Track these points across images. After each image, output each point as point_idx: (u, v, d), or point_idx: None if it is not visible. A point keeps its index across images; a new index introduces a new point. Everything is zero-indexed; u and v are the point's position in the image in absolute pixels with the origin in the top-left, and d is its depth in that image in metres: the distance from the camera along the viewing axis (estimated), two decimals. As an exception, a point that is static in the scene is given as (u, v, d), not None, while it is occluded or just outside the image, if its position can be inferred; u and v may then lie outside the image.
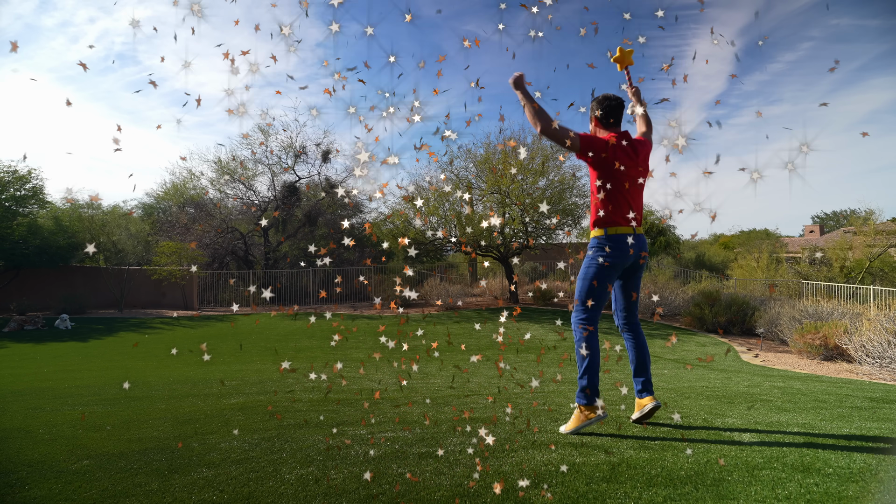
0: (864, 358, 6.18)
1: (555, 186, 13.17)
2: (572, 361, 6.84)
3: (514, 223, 13.25)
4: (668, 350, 8.42)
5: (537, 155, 13.27)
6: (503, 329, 3.48)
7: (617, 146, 2.58)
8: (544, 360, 7.10)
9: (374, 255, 17.89)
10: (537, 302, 14.47)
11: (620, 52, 2.72)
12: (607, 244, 2.57)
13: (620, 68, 2.75)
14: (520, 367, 6.38)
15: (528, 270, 19.60)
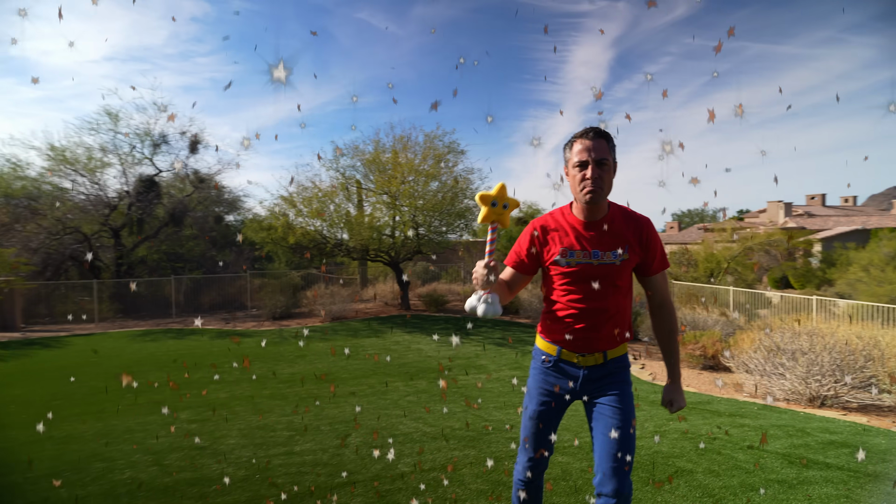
0: (745, 374, 6.30)
1: (447, 189, 12.60)
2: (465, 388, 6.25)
3: (404, 227, 12.48)
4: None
5: (429, 156, 12.62)
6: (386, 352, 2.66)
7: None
8: (439, 388, 6.43)
9: (253, 259, 16.17)
10: (429, 307, 13.90)
11: (482, 199, 1.78)
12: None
13: (485, 219, 1.78)
14: (408, 406, 5.64)
15: (419, 272, 19.04)
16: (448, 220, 13.15)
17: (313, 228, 12.86)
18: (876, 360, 5.43)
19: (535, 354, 2.02)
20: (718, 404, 5.61)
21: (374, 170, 12.99)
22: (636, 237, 1.89)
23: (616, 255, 1.85)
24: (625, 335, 1.93)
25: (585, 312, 1.86)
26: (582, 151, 1.81)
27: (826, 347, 5.66)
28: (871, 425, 4.75)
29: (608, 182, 1.83)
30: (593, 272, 1.85)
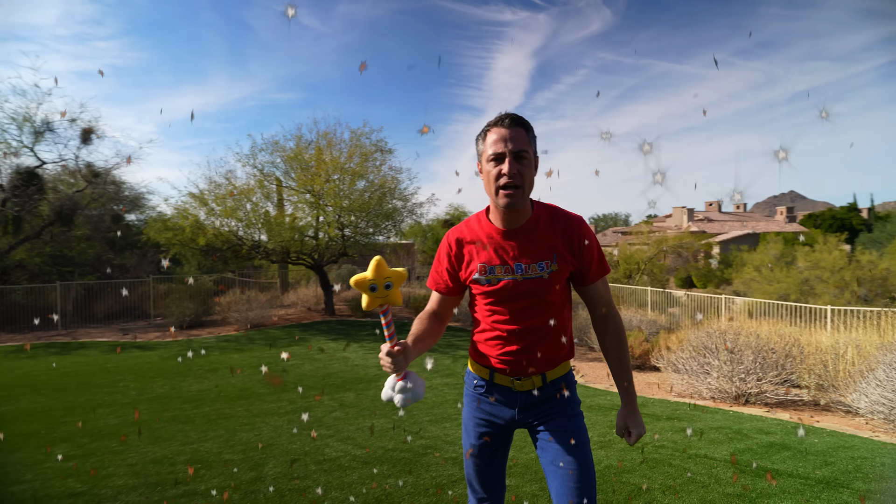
0: (674, 374, 6.36)
1: (375, 189, 12.07)
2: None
3: (329, 228, 11.80)
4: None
5: (356, 154, 12.03)
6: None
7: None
8: (366, 400, 5.92)
9: (158, 263, 14.67)
10: (355, 312, 13.29)
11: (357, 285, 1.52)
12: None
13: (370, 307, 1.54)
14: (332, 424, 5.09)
15: (345, 275, 18.27)
16: (375, 221, 12.64)
17: (227, 229, 11.84)
18: (796, 358, 5.64)
19: (467, 380, 1.77)
20: (653, 406, 5.57)
21: (295, 167, 12.20)
22: (566, 243, 1.61)
23: (543, 268, 1.58)
24: (565, 353, 1.67)
25: (515, 334, 1.62)
26: (497, 142, 1.53)
27: (748, 346, 5.80)
28: (797, 422, 4.86)
29: (529, 179, 1.54)
30: (518, 289, 1.59)
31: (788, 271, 20.84)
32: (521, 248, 1.60)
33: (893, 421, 4.46)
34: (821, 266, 19.84)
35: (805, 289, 19.45)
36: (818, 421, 4.99)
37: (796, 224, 41.41)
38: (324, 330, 11.38)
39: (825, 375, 5.35)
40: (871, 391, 4.52)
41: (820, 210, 43.16)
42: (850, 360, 5.04)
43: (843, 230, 34.39)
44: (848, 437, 4.27)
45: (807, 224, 39.24)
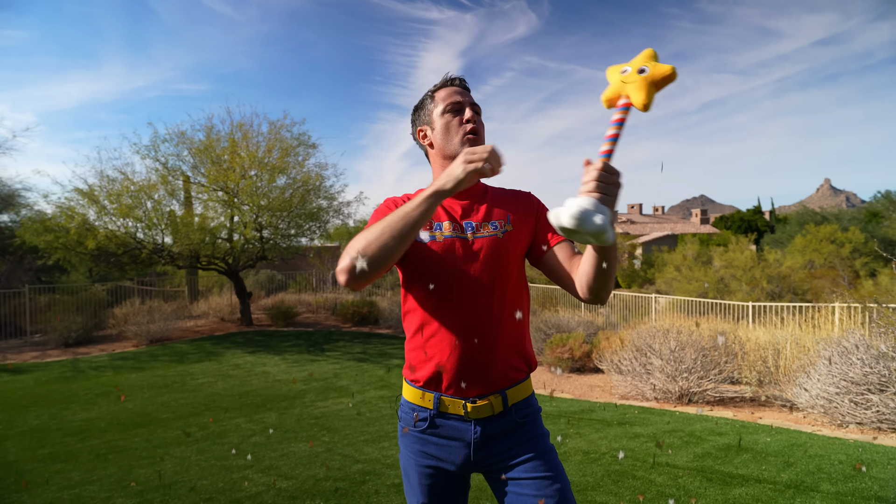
0: (617, 375, 6.35)
1: (297, 186, 11.42)
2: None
3: (245, 230, 10.99)
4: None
5: (275, 147, 11.31)
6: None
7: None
8: (287, 417, 5.38)
9: (36, 269, 13.00)
10: (276, 322, 12.53)
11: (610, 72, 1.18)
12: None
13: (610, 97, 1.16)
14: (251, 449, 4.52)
15: (263, 281, 17.34)
16: (297, 222, 11.99)
17: (124, 231, 10.68)
18: (738, 356, 5.79)
19: (403, 413, 1.46)
20: (601, 412, 5.49)
21: (206, 161, 11.26)
22: (523, 208, 1.47)
23: (497, 227, 1.42)
24: (527, 364, 1.42)
25: (466, 322, 1.33)
26: (454, 94, 1.45)
27: (690, 344, 5.89)
28: (744, 420, 4.94)
29: (483, 135, 1.45)
30: (468, 250, 1.37)
31: (706, 270, 22.34)
32: (472, 208, 1.44)
33: (831, 414, 4.62)
34: (734, 265, 21.39)
35: (721, 286, 20.91)
36: (760, 417, 5.10)
37: (709, 226, 44.73)
38: (240, 342, 10.58)
39: (765, 372, 5.50)
40: (811, 385, 4.66)
41: (728, 213, 46.98)
42: (788, 355, 5.21)
43: (750, 231, 37.56)
44: (795, 433, 4.35)
45: (718, 226, 42.48)
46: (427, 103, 1.49)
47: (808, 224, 28.74)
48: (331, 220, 12.95)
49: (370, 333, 11.57)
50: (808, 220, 32.62)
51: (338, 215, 12.91)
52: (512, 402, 1.37)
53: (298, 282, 17.39)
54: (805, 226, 28.70)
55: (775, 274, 20.15)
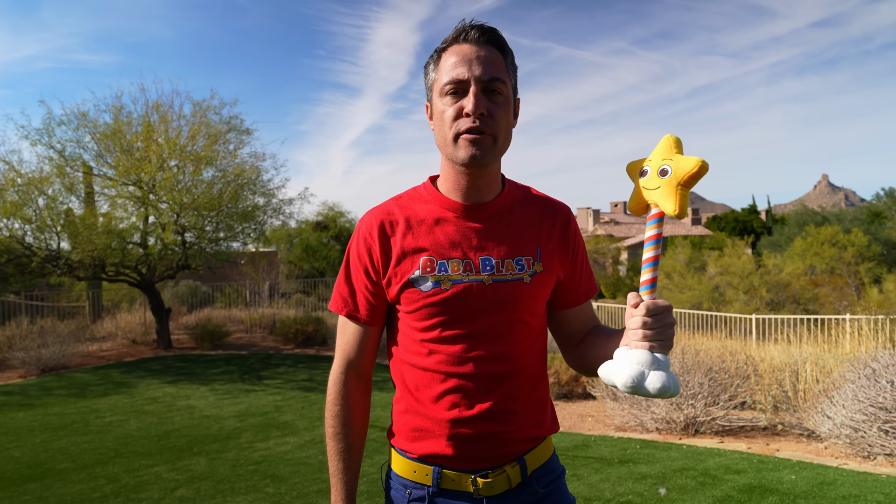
0: (612, 402, 6.38)
1: (228, 180, 11.16)
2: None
3: (163, 233, 10.63)
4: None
5: (201, 133, 11.04)
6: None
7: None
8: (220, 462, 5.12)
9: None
10: (201, 344, 12.16)
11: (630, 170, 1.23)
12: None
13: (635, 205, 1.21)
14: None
15: (184, 294, 16.88)
16: (228, 223, 11.74)
17: (8, 234, 10.15)
18: (751, 378, 5.88)
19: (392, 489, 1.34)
20: (598, 447, 5.47)
21: (114, 149, 10.86)
22: (555, 237, 1.33)
23: (524, 267, 1.27)
24: (549, 418, 1.37)
25: (480, 381, 1.25)
26: (458, 64, 1.20)
27: (698, 366, 5.95)
28: (760, 453, 5.00)
29: (504, 126, 1.23)
30: (487, 299, 1.24)
31: (699, 278, 23.01)
32: (492, 235, 1.27)
33: (857, 445, 4.72)
34: (730, 271, 22.14)
35: (716, 296, 21.60)
36: (777, 450, 5.19)
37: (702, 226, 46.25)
38: (157, 370, 10.18)
39: (781, 396, 5.61)
40: (835, 412, 4.75)
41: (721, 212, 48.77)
42: (809, 377, 5.33)
43: (745, 233, 39.05)
44: (820, 468, 4.42)
45: (711, 227, 44.00)
46: (429, 70, 1.28)
47: (807, 225, 30.08)
48: (268, 221, 12.75)
49: (317, 356, 11.38)
50: (807, 220, 34.18)
51: (277, 215, 12.76)
52: (532, 468, 1.30)
53: (228, 295, 16.99)
54: (805, 227, 30.03)
55: (775, 281, 20.97)
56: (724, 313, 12.26)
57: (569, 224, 1.36)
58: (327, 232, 24.38)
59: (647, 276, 1.10)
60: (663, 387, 1.03)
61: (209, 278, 17.64)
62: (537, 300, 1.29)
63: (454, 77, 1.19)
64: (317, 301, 16.86)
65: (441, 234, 1.27)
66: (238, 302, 16.70)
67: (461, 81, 1.19)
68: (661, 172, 1.11)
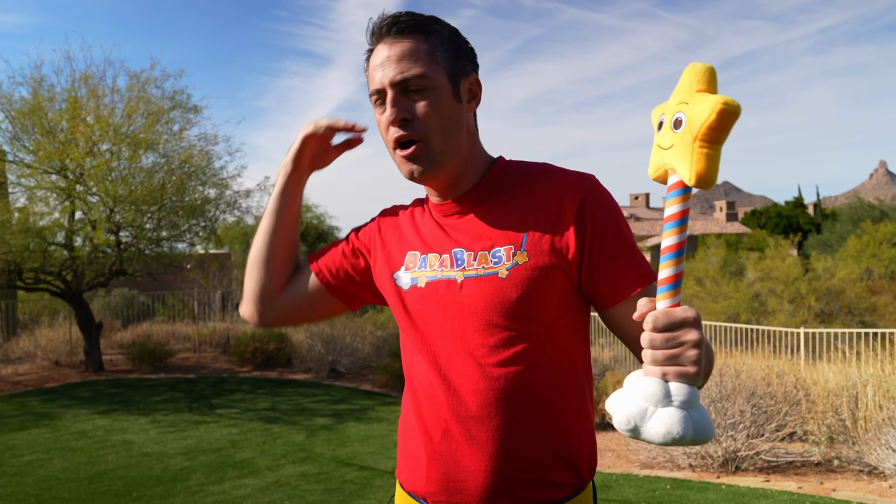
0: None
1: (172, 168, 11.21)
2: None
3: (94, 232, 10.68)
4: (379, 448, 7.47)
5: (139, 110, 11.10)
6: None
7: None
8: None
9: None
10: (139, 366, 12.18)
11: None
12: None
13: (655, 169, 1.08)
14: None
15: (119, 306, 16.94)
16: (172, 220, 11.82)
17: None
18: (801, 404, 5.95)
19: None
20: (621, 488, 5.52)
21: (32, 130, 10.90)
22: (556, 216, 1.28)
23: (500, 259, 1.27)
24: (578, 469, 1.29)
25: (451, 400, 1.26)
26: (375, 69, 1.31)
27: (738, 390, 6.01)
28: (814, 494, 5.06)
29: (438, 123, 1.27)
30: (453, 298, 1.29)
31: (736, 284, 23.21)
32: (469, 226, 1.33)
33: (929, 483, 4.77)
34: (773, 277, 22.35)
35: (756, 305, 21.81)
36: (834, 489, 5.25)
37: (738, 223, 46.72)
38: (86, 398, 10.16)
39: (838, 427, 5.67)
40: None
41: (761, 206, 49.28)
42: (870, 403, 5.39)
43: (790, 230, 39.50)
44: (885, 511, 4.46)
45: (750, 223, 44.47)
46: (365, 73, 1.40)
47: (863, 221, 30.42)
48: (221, 217, 12.81)
49: (280, 380, 11.41)
50: (863, 215, 34.59)
51: (231, 210, 12.84)
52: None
53: (171, 306, 17.03)
54: (860, 223, 30.37)
55: (825, 288, 21.19)
56: (766, 326, 12.36)
57: (584, 196, 1.29)
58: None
59: (666, 272, 0.98)
60: (668, 433, 0.90)
61: (149, 286, 17.58)
62: (524, 299, 1.24)
63: (373, 87, 1.31)
64: (279, 313, 16.86)
65: (426, 232, 1.39)
66: (184, 315, 16.69)
67: (380, 91, 1.30)
68: (675, 123, 0.97)
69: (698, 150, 0.92)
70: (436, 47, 1.30)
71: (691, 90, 0.95)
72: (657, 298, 0.99)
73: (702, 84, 0.95)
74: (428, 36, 1.30)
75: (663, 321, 0.94)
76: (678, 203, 0.97)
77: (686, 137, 0.93)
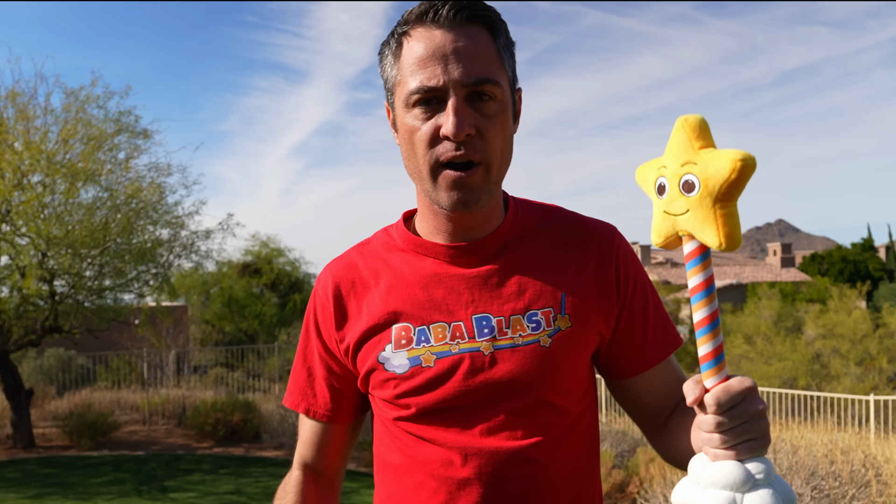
0: None
1: (117, 203, 11.33)
2: None
3: (23, 280, 10.76)
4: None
5: (77, 134, 11.21)
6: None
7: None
8: None
9: None
10: (78, 441, 12.20)
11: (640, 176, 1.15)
12: None
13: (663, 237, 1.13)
14: None
15: (53, 369, 17.02)
16: (117, 266, 11.93)
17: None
18: (871, 486, 5.90)
19: None
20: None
21: None
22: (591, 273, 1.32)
23: (540, 324, 1.26)
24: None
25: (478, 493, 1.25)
26: (429, 61, 1.17)
27: (795, 469, 5.96)
28: None
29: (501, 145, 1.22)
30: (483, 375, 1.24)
31: (793, 343, 23.13)
32: (491, 284, 1.28)
33: None
34: (837, 333, 22.29)
35: (817, 368, 21.70)
36: (914, 591, 5.14)
37: (795, 269, 46.74)
38: (13, 479, 10.19)
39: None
40: None
41: (824, 249, 49.40)
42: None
43: (857, 278, 39.46)
44: None
45: (809, 269, 44.48)
46: (387, 63, 1.27)
47: (944, 267, 30.50)
48: (175, 262, 12.95)
49: (247, 458, 11.44)
50: (944, 259, 34.68)
51: (188, 254, 12.98)
52: None
53: (116, 370, 17.10)
54: (941, 269, 30.45)
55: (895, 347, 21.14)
56: (829, 393, 12.31)
57: (612, 251, 1.33)
58: (259, 278, 24.39)
59: (706, 347, 1.03)
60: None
61: (89, 346, 17.63)
62: (568, 371, 1.27)
63: (423, 83, 1.16)
64: (245, 378, 16.79)
65: (420, 290, 1.28)
66: (131, 380, 16.75)
67: (433, 90, 1.16)
68: (684, 187, 1.01)
69: (721, 212, 0.98)
70: (503, 48, 1.24)
71: (693, 148, 1.00)
72: (702, 377, 1.02)
73: (702, 140, 1.00)
74: (496, 32, 1.23)
75: (726, 399, 0.97)
76: (702, 271, 1.03)
77: (705, 201, 0.98)
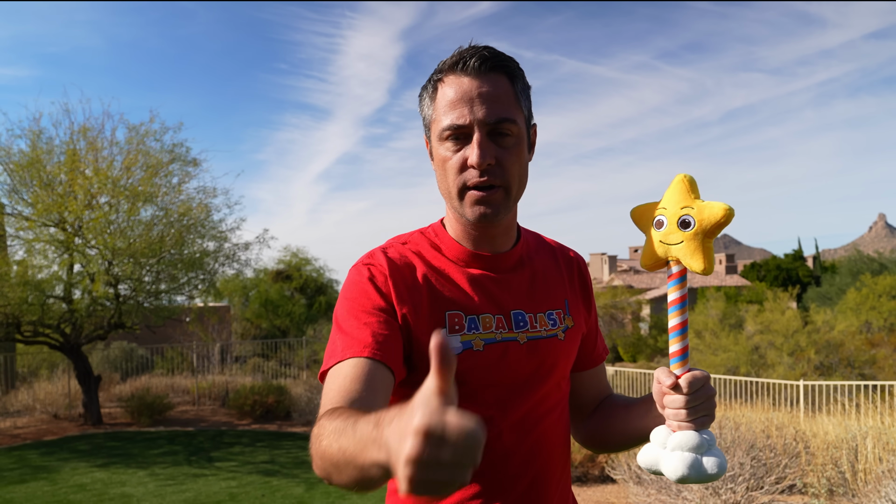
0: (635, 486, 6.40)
1: (171, 221, 11.31)
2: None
3: (93, 284, 10.70)
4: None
5: (138, 163, 11.19)
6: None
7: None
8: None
9: None
10: (138, 419, 12.11)
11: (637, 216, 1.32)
12: None
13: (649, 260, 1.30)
14: None
15: (118, 359, 16.90)
16: (171, 273, 11.87)
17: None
18: (801, 456, 5.95)
19: None
20: (621, 542, 5.46)
21: (31, 183, 10.97)
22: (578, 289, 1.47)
23: (556, 322, 1.36)
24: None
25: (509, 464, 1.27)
26: (457, 104, 1.22)
27: (737, 442, 6.01)
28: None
29: (518, 172, 1.26)
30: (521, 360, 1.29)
31: (736, 337, 23.15)
32: (518, 287, 1.34)
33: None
34: (772, 329, 22.30)
35: (755, 358, 21.71)
36: (836, 543, 5.20)
37: (737, 275, 46.78)
38: (85, 451, 10.08)
39: (838, 479, 5.66)
40: (902, 496, 4.81)
41: (760, 258, 49.44)
42: (870, 455, 5.40)
43: (789, 284, 39.52)
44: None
45: (749, 276, 44.54)
46: (425, 103, 1.31)
47: (862, 274, 30.49)
48: (220, 270, 12.84)
49: (279, 433, 11.37)
50: (862, 268, 34.67)
51: (230, 262, 12.87)
52: None
53: (170, 359, 16.97)
54: (859, 276, 30.42)
55: (825, 341, 21.13)
56: (766, 379, 12.35)
57: (585, 274, 1.49)
58: (290, 283, 24.44)
59: (676, 346, 1.20)
60: (721, 469, 1.13)
61: (148, 339, 17.55)
62: (571, 359, 1.39)
63: (453, 122, 1.21)
64: (278, 366, 16.75)
65: (466, 284, 1.29)
66: (183, 368, 16.63)
67: (461, 127, 1.21)
68: (681, 224, 1.17)
69: (705, 246, 1.17)
70: (520, 91, 1.28)
71: (690, 197, 1.19)
72: (673, 368, 1.20)
73: (696, 192, 1.20)
74: (515, 79, 1.27)
75: (695, 384, 1.15)
76: (681, 288, 1.21)
77: (697, 236, 1.17)
